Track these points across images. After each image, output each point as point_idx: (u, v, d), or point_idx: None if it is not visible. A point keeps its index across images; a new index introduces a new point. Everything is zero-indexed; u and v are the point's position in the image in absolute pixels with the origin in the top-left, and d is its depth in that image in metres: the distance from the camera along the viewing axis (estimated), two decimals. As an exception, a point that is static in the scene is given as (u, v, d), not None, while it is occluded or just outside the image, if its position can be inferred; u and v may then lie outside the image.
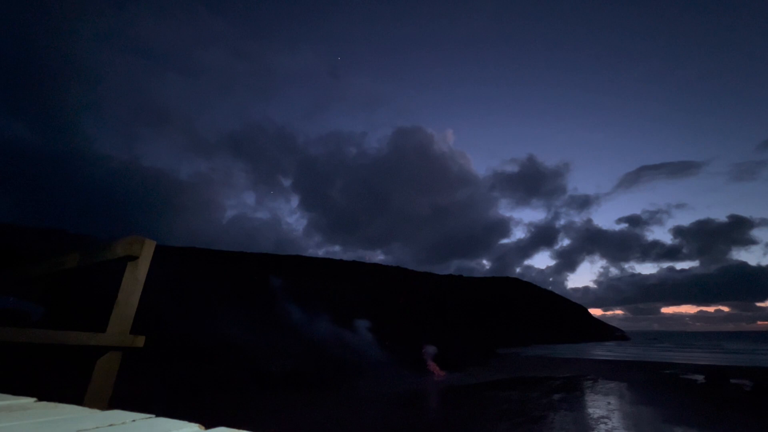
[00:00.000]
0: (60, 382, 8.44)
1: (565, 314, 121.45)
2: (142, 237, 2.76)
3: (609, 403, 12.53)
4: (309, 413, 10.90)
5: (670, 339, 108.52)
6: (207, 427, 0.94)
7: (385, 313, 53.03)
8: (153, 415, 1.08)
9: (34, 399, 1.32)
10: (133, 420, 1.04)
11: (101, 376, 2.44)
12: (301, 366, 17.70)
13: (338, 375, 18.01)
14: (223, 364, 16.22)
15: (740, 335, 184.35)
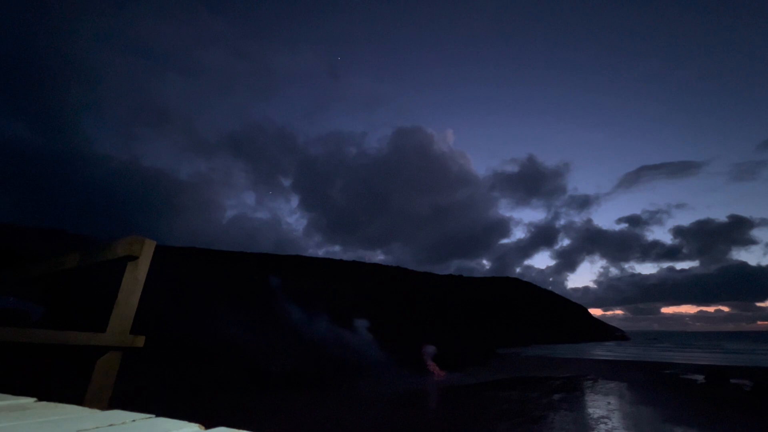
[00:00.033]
0: (60, 382, 8.44)
1: (565, 314, 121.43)
2: (142, 237, 2.76)
3: (609, 403, 12.53)
4: (309, 413, 10.90)
5: (670, 339, 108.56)
6: (207, 427, 0.94)
7: (385, 313, 53.03)
8: (153, 415, 1.08)
9: (34, 399, 1.32)
10: (133, 420, 1.04)
11: (101, 376, 2.44)
12: (301, 366, 17.70)
13: (338, 375, 18.01)
14: (223, 364, 16.21)
15: (740, 335, 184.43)
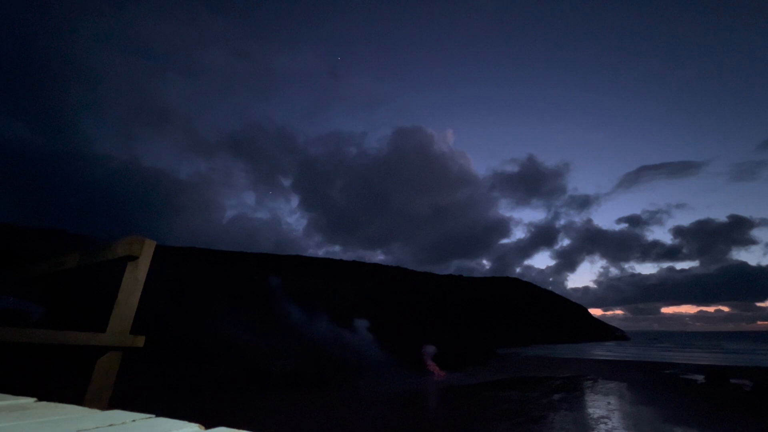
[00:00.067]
0: (60, 382, 8.44)
1: (565, 314, 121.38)
2: (142, 237, 2.76)
3: (609, 403, 12.53)
4: (309, 413, 10.90)
5: (670, 339, 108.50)
6: (207, 427, 0.94)
7: (385, 313, 53.01)
8: (153, 415, 1.08)
9: (34, 399, 1.32)
10: (133, 420, 1.04)
11: (101, 376, 2.44)
12: (301, 366, 17.69)
13: (338, 375, 18.00)
14: (223, 364, 16.21)
15: (740, 335, 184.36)
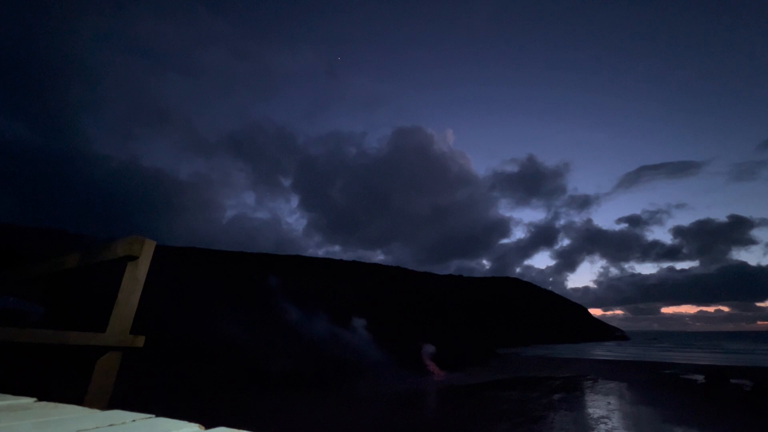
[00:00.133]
0: (60, 382, 8.44)
1: (565, 314, 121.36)
2: (142, 237, 2.76)
3: (609, 403, 12.53)
4: (309, 413, 10.89)
5: (670, 339, 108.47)
6: (207, 427, 0.94)
7: (385, 313, 53.01)
8: (153, 415, 1.08)
9: (34, 399, 1.32)
10: (133, 420, 1.04)
11: (101, 376, 2.44)
12: (301, 366, 17.68)
13: (338, 375, 18.00)
14: (223, 364, 16.20)
15: (740, 335, 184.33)
